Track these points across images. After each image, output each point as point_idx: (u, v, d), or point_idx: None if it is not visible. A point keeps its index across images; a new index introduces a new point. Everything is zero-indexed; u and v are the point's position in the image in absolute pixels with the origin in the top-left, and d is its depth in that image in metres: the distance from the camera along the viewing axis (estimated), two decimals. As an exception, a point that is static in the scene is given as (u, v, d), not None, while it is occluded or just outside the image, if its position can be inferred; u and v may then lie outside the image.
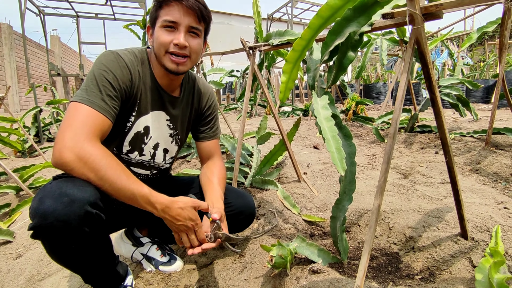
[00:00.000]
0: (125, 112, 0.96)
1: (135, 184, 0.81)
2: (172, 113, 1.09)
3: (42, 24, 5.20)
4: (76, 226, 0.73)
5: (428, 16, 0.84)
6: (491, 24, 1.99)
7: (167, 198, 0.87)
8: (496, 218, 1.21)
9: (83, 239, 0.77)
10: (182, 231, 0.90)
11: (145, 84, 0.99)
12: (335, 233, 1.07)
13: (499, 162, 1.82)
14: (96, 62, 0.90)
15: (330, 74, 1.03)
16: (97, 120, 0.83)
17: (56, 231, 0.71)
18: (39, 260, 1.39)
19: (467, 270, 0.97)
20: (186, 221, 0.88)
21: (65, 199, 0.71)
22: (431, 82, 0.91)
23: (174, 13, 0.90)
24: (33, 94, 4.40)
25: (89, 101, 0.83)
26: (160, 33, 0.92)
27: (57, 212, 0.70)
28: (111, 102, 0.87)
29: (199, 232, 0.92)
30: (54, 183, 0.76)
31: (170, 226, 0.90)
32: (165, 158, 1.16)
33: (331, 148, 0.71)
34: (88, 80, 0.86)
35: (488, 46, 9.74)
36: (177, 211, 0.87)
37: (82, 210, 0.73)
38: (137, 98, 0.98)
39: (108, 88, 0.86)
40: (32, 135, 4.36)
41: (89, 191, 0.76)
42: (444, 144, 0.99)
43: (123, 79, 0.91)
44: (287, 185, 1.89)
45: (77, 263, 0.84)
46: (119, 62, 0.91)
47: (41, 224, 0.70)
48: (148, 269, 1.25)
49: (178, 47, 0.92)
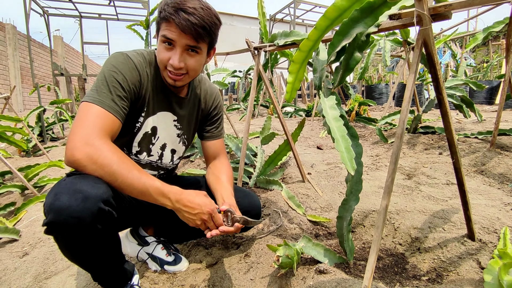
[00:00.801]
0: (134, 112, 0.97)
1: (146, 178, 0.82)
2: (179, 113, 1.10)
3: (46, 25, 5.23)
4: (89, 222, 0.73)
5: (436, 17, 0.84)
6: (498, 24, 1.99)
7: (179, 189, 0.88)
8: (503, 220, 1.21)
9: (95, 235, 0.78)
10: (199, 220, 0.89)
11: (153, 85, 1.00)
12: (341, 234, 1.07)
13: (505, 164, 1.81)
14: (106, 64, 0.91)
15: (337, 74, 1.03)
16: (107, 120, 0.84)
17: (69, 227, 0.72)
18: (45, 259, 1.40)
19: (475, 272, 0.96)
20: (202, 207, 0.88)
21: (79, 195, 0.72)
22: (439, 83, 0.91)
23: (172, 30, 0.88)
24: (37, 94, 4.42)
25: (100, 101, 0.84)
26: (160, 48, 0.93)
27: (71, 208, 0.71)
28: (121, 103, 0.88)
29: (217, 218, 0.91)
30: (68, 179, 0.78)
31: (186, 218, 0.89)
32: (173, 159, 1.17)
33: (341, 148, 0.71)
34: (98, 81, 0.88)
35: (492, 47, 9.70)
36: (190, 198, 0.88)
37: (95, 207, 0.74)
38: (145, 99, 0.98)
39: (118, 89, 0.87)
40: (36, 134, 4.38)
41: (102, 188, 0.77)
42: (451, 145, 0.99)
43: (133, 80, 0.92)
44: (292, 185, 1.89)
45: (88, 260, 0.85)
46: (129, 63, 0.92)
47: (55, 220, 0.71)
48: (154, 269, 1.26)
49: (173, 68, 0.92)
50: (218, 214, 0.93)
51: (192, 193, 0.90)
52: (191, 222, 0.90)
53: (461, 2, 0.77)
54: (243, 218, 0.97)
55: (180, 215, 0.89)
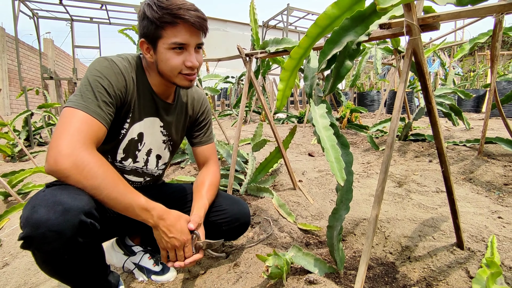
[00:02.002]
0: (119, 119, 0.95)
1: (132, 194, 0.81)
2: (166, 119, 1.08)
3: (35, 27, 5.15)
4: (70, 236, 0.70)
5: (425, 27, 0.85)
6: (483, 35, 2.04)
7: (164, 208, 0.87)
8: (491, 228, 1.22)
9: (76, 249, 0.74)
10: (171, 245, 0.89)
11: (139, 91, 0.98)
12: (331, 243, 1.05)
13: (492, 172, 1.84)
14: (90, 69, 0.88)
15: (328, 82, 1.03)
16: (93, 126, 0.81)
17: (48, 242, 0.68)
18: (26, 269, 1.34)
19: (464, 281, 0.96)
20: (179, 235, 0.88)
21: (59, 208, 0.69)
22: (428, 92, 0.92)
23: (182, 34, 0.88)
24: (25, 98, 4.33)
25: (85, 107, 0.81)
26: (168, 55, 0.90)
27: (50, 221, 0.67)
28: (106, 109, 0.85)
29: (188, 249, 0.92)
30: (48, 190, 0.74)
31: (161, 237, 0.89)
32: (158, 164, 1.15)
33: (330, 158, 0.71)
34: (82, 86, 0.85)
35: (478, 57, 9.98)
36: (172, 220, 0.87)
37: (76, 219, 0.70)
38: (131, 105, 0.96)
39: (103, 95, 0.85)
40: (22, 139, 4.28)
41: (84, 200, 0.73)
42: (440, 154, 0.99)
43: (118, 85, 0.89)
44: (282, 193, 1.87)
45: (68, 274, 0.81)
46: (114, 68, 0.89)
47: (32, 234, 0.67)
48: (140, 279, 1.22)
49: (191, 69, 0.93)
50: (190, 247, 0.93)
51: (176, 216, 0.90)
52: (162, 243, 0.89)
53: (449, 14, 0.78)
54: (205, 242, 0.97)
55: (156, 232, 0.88)
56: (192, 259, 0.93)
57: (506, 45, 15.16)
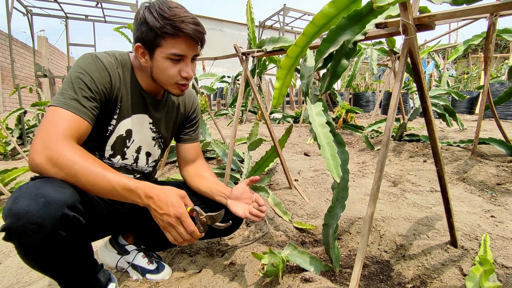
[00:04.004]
0: (105, 115, 0.94)
1: (112, 175, 0.77)
2: (155, 116, 1.08)
3: (29, 24, 5.09)
4: (51, 229, 0.69)
5: (421, 27, 0.85)
6: (476, 37, 2.06)
7: (151, 184, 0.82)
8: (484, 227, 1.23)
9: (58, 243, 0.72)
10: (167, 225, 0.82)
11: (127, 87, 0.98)
12: (327, 241, 1.06)
13: (485, 172, 1.86)
14: (74, 65, 0.88)
15: (324, 81, 1.03)
16: (72, 121, 0.80)
17: (28, 234, 0.67)
18: (19, 268, 1.33)
19: (457, 279, 0.97)
20: (169, 209, 0.80)
21: (41, 200, 0.68)
22: (423, 92, 0.92)
23: (182, 46, 0.88)
24: (18, 95, 4.28)
25: (64, 104, 0.81)
26: (165, 64, 0.90)
27: (30, 213, 0.66)
28: (88, 104, 0.85)
29: (187, 223, 0.83)
30: (32, 183, 0.73)
31: (156, 220, 0.83)
32: (148, 162, 1.14)
33: (327, 155, 0.71)
34: (65, 84, 0.85)
35: (472, 59, 10.12)
36: (160, 194, 0.80)
37: (58, 212, 0.69)
38: (117, 101, 0.96)
39: (84, 90, 0.84)
40: (15, 137, 4.23)
41: (68, 192, 0.72)
42: (435, 153, 1.00)
43: (102, 81, 0.88)
44: (278, 192, 1.88)
45: (52, 269, 0.78)
46: (97, 64, 0.89)
47: (12, 226, 0.66)
48: (135, 278, 1.21)
49: (186, 79, 0.94)
50: (189, 219, 0.84)
51: (164, 189, 0.82)
52: (160, 224, 0.83)
53: (444, 14, 0.79)
54: (208, 216, 0.89)
55: (152, 213, 0.83)
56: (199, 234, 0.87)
57: (499, 48, 15.38)
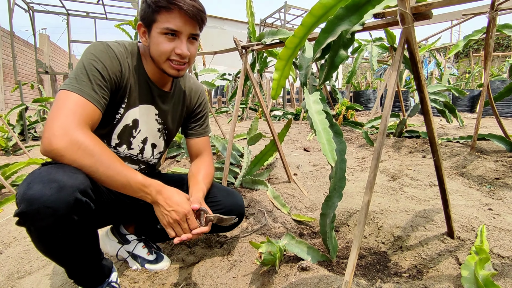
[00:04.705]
0: (114, 103, 0.95)
1: (128, 171, 0.81)
2: (162, 107, 1.08)
3: (31, 21, 5.10)
4: (64, 213, 0.70)
5: (418, 16, 0.86)
6: (477, 32, 2.06)
7: (161, 183, 0.88)
8: (481, 219, 1.24)
9: (71, 228, 0.75)
10: (172, 219, 0.87)
11: (135, 77, 0.98)
12: (324, 231, 1.06)
13: (484, 166, 1.86)
14: (85, 52, 0.88)
15: (322, 72, 1.04)
16: (87, 109, 0.81)
17: (42, 218, 0.69)
18: (19, 258, 1.34)
19: (454, 268, 0.98)
20: (178, 206, 0.86)
21: (54, 185, 0.69)
22: (420, 81, 0.93)
23: (176, 21, 0.88)
24: (19, 92, 4.29)
25: (79, 90, 0.82)
26: (160, 40, 0.90)
27: (45, 197, 0.68)
28: (101, 92, 0.86)
29: (192, 221, 0.90)
30: (44, 168, 0.74)
31: (161, 212, 0.87)
32: (153, 153, 1.15)
33: (322, 140, 0.71)
34: (77, 70, 0.85)
35: (474, 59, 10.08)
36: (169, 193, 0.87)
37: (71, 197, 0.71)
38: (126, 90, 0.96)
39: (97, 78, 0.85)
40: (16, 133, 4.25)
41: (80, 178, 0.74)
42: (432, 143, 1.01)
43: (113, 69, 0.89)
44: (277, 186, 1.88)
45: (63, 254, 0.81)
46: (109, 52, 0.90)
47: (27, 210, 0.68)
48: (134, 267, 1.22)
49: (180, 57, 0.92)
50: (194, 218, 0.91)
51: (173, 190, 0.90)
52: (164, 219, 0.87)
53: (441, 2, 0.80)
54: (216, 216, 0.95)
55: (157, 209, 0.87)
56: (200, 230, 0.90)
57: (501, 47, 15.31)
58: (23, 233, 1.55)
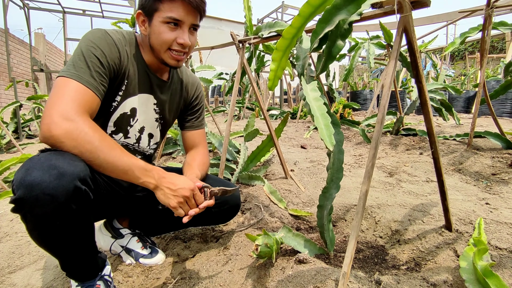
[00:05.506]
0: (111, 91, 0.93)
1: (129, 157, 0.79)
2: (160, 97, 1.07)
3: (26, 19, 5.05)
4: (64, 201, 0.68)
5: (416, 4, 0.85)
6: (473, 30, 2.07)
7: (162, 169, 0.87)
8: (478, 212, 1.23)
9: (69, 217, 0.72)
10: (181, 197, 0.86)
11: (134, 66, 0.97)
12: (321, 223, 1.05)
13: (480, 163, 1.86)
14: (83, 39, 0.87)
15: (319, 62, 1.03)
16: (86, 96, 0.80)
17: (41, 205, 0.66)
18: (10, 253, 1.31)
19: (452, 260, 0.97)
20: (183, 184, 0.86)
21: (54, 171, 0.67)
22: (418, 71, 0.92)
23: (179, 11, 0.88)
24: (14, 89, 4.24)
25: (78, 77, 0.80)
26: (162, 29, 0.89)
27: (44, 184, 0.65)
28: (100, 79, 0.84)
29: (198, 195, 0.90)
30: (43, 155, 0.72)
31: (167, 195, 0.85)
32: (150, 143, 1.13)
33: (320, 125, 0.70)
34: (75, 56, 0.83)
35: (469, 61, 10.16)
36: (173, 177, 0.86)
37: (71, 184, 0.68)
38: (124, 78, 0.95)
39: (96, 65, 0.83)
40: (10, 131, 4.19)
41: (80, 166, 0.72)
42: (430, 134, 1.00)
43: (111, 56, 0.88)
44: (274, 182, 1.87)
45: (58, 244, 0.78)
46: (107, 39, 0.88)
47: (25, 196, 0.65)
48: (128, 262, 1.20)
49: (182, 46, 0.92)
50: (200, 193, 0.91)
51: (174, 174, 0.90)
52: (171, 200, 0.84)
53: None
54: (221, 189, 0.96)
55: (161, 193, 0.84)
56: (206, 203, 0.91)
57: (496, 50, 15.45)
58: (15, 229, 1.52)
